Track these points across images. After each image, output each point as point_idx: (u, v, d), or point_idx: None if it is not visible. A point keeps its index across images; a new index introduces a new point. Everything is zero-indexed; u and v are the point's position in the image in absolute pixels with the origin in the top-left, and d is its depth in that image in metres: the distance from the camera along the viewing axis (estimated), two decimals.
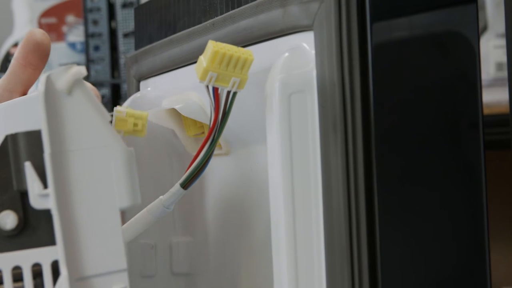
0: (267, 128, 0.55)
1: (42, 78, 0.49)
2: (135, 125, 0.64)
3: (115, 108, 0.64)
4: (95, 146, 0.49)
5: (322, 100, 0.53)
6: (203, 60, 0.54)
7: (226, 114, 0.56)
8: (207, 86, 0.54)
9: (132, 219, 0.60)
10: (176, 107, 0.66)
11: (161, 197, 0.60)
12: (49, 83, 0.49)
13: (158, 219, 0.60)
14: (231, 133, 0.65)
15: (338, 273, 0.52)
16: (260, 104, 0.56)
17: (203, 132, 0.68)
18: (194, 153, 0.70)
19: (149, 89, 0.73)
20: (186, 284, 0.72)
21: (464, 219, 0.55)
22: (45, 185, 0.49)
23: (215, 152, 0.67)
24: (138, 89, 0.76)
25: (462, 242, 0.55)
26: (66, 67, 0.49)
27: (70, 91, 0.49)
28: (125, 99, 0.73)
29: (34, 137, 0.50)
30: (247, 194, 0.65)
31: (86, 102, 0.49)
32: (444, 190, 0.54)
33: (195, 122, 0.68)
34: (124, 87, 1.43)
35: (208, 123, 0.65)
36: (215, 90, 0.55)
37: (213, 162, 0.69)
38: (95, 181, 0.49)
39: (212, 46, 0.54)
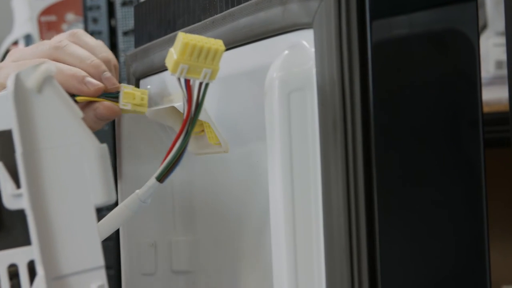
0: (267, 126, 0.55)
1: (11, 76, 0.48)
2: (142, 99, 0.65)
3: (122, 84, 0.65)
4: (67, 144, 0.49)
5: (321, 98, 0.53)
6: (173, 52, 0.54)
7: (199, 106, 0.56)
8: (179, 79, 0.54)
9: (110, 214, 0.60)
10: (176, 105, 0.66)
11: (137, 191, 0.60)
12: (18, 82, 0.48)
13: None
14: (230, 131, 0.65)
15: (337, 270, 0.52)
16: (259, 102, 0.56)
17: (202, 130, 0.68)
18: (194, 151, 0.70)
19: (148, 87, 0.73)
20: (186, 282, 0.72)
21: (464, 217, 0.55)
22: (18, 185, 0.48)
23: (215, 150, 0.67)
24: (137, 87, 0.76)
25: (462, 241, 0.55)
26: (35, 65, 0.49)
27: (40, 89, 0.48)
28: None
29: (5, 136, 0.49)
30: (246, 192, 0.65)
31: (56, 100, 0.49)
32: (443, 188, 0.54)
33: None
34: None
35: (208, 121, 0.65)
36: (187, 82, 0.55)
37: (213, 160, 0.69)
38: (69, 179, 0.49)
39: (182, 37, 0.54)
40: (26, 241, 0.49)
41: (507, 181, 1.30)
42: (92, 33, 1.45)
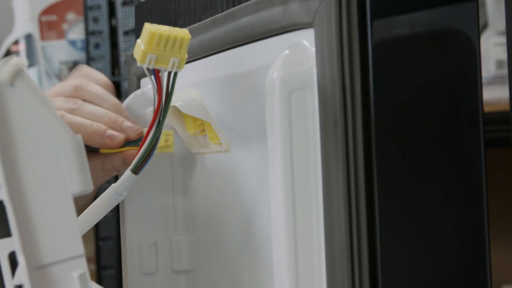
0: (268, 125, 0.55)
1: None
2: (166, 141, 0.65)
3: (144, 130, 0.65)
4: (42, 134, 0.49)
5: (322, 97, 0.53)
6: (140, 43, 0.54)
7: (169, 95, 0.56)
8: (147, 69, 0.55)
9: (87, 209, 0.61)
10: (177, 104, 0.66)
11: (113, 184, 0.60)
12: None
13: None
14: (232, 130, 0.65)
15: (338, 268, 0.52)
16: (260, 101, 0.56)
17: (203, 130, 0.68)
18: (195, 150, 0.70)
19: (149, 86, 0.73)
20: (187, 281, 0.72)
21: (465, 217, 0.55)
22: None
23: (216, 149, 0.67)
24: (138, 87, 0.76)
25: (462, 240, 0.55)
26: (6, 59, 0.49)
27: (12, 82, 0.49)
28: (126, 97, 0.73)
29: None
30: (247, 192, 0.65)
31: (29, 92, 0.49)
32: (444, 188, 0.54)
33: (195, 119, 0.68)
34: (125, 85, 1.42)
35: (209, 120, 0.65)
36: (156, 72, 0.55)
37: (214, 159, 0.69)
38: (45, 169, 0.49)
39: (148, 28, 0.54)
40: (5, 233, 0.49)
41: (508, 180, 1.30)
42: (92, 33, 1.45)
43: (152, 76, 0.55)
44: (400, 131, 0.53)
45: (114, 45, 1.46)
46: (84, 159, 0.50)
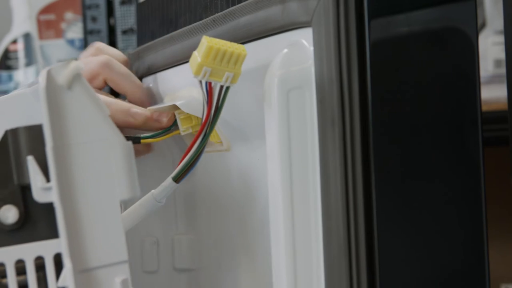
0: (266, 124, 0.55)
1: (42, 72, 0.49)
2: (198, 118, 0.66)
3: (175, 112, 0.67)
4: (95, 140, 0.50)
5: (320, 96, 0.53)
6: (197, 55, 0.54)
7: (218, 108, 0.56)
8: (201, 81, 0.55)
9: (124, 212, 0.61)
10: (178, 103, 0.66)
11: (153, 191, 0.60)
12: (50, 78, 0.49)
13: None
14: (232, 129, 0.65)
15: (336, 267, 0.52)
16: (260, 100, 0.57)
17: None
18: None
19: (151, 85, 0.74)
20: (188, 280, 0.73)
21: (463, 216, 0.55)
22: (48, 179, 0.49)
23: (217, 148, 0.67)
24: None
25: (460, 239, 0.55)
26: (65, 62, 0.50)
27: (70, 85, 0.49)
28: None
29: (35, 131, 0.51)
30: (248, 190, 0.65)
31: (85, 97, 0.50)
32: (442, 187, 0.55)
33: (196, 118, 0.68)
34: None
35: None
36: (209, 84, 0.55)
37: (215, 158, 0.69)
38: (96, 174, 0.50)
39: (206, 41, 0.54)
40: (52, 234, 0.50)
41: (506, 179, 1.30)
42: (91, 32, 1.45)
43: (205, 88, 0.56)
44: (398, 129, 0.53)
45: (112, 44, 1.46)
46: (134, 166, 0.50)
